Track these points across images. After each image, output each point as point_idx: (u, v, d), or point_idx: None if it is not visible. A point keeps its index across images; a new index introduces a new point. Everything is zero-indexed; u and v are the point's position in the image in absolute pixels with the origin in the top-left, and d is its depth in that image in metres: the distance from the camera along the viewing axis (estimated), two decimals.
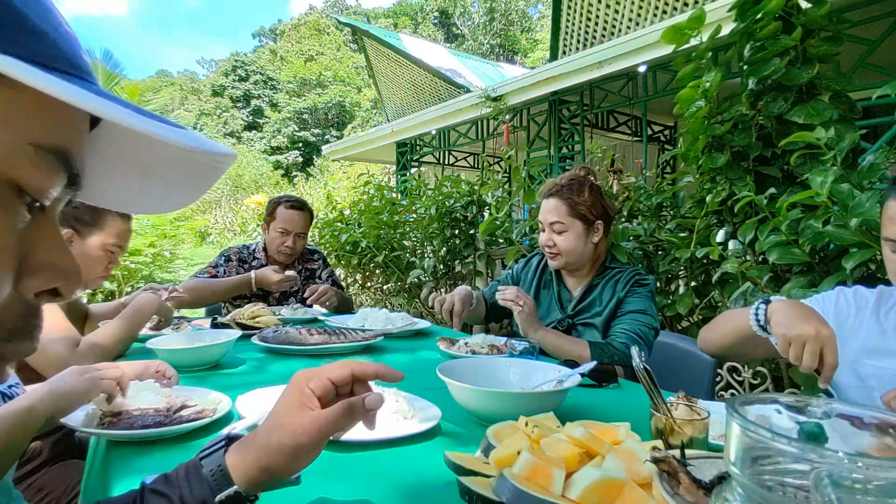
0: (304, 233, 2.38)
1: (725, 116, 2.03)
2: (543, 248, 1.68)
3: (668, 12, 5.20)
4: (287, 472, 0.54)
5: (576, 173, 1.68)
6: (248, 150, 27.56)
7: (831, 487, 0.29)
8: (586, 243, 1.63)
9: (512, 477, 0.57)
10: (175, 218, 7.18)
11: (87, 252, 1.43)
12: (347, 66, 35.61)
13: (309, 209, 2.41)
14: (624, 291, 1.60)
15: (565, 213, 1.61)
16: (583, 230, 1.61)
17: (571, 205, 1.61)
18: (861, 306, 1.12)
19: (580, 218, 1.61)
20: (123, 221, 1.51)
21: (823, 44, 1.85)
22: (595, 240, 1.63)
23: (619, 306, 1.60)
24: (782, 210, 1.72)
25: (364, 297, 5.01)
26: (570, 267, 1.69)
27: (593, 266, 1.69)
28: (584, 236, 1.62)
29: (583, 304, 1.66)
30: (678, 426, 0.76)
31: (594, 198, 1.63)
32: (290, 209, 2.33)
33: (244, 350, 1.49)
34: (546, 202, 1.65)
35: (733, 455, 0.36)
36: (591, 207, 1.61)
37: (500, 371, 1.09)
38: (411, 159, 7.91)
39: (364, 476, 0.73)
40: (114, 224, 1.47)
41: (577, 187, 1.62)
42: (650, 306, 1.59)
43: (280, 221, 2.32)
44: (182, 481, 0.53)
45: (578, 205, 1.60)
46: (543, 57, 24.84)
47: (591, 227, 1.62)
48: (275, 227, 2.33)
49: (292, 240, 2.33)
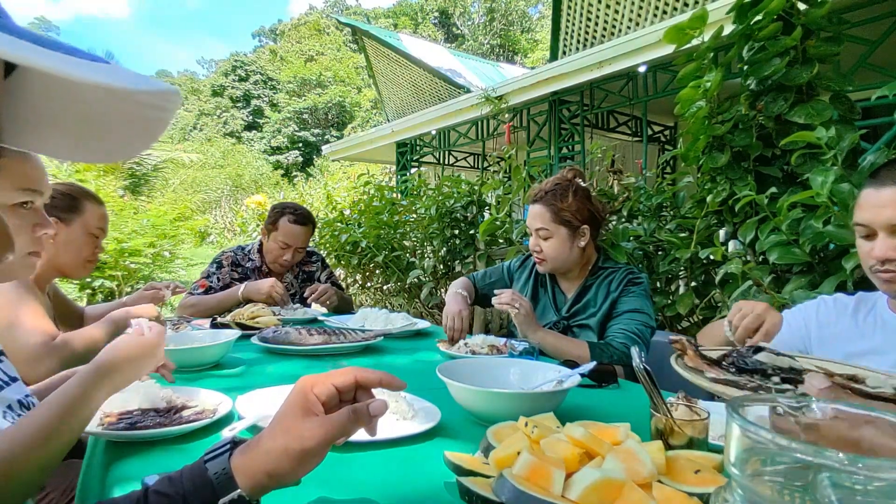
0: (304, 247, 2.33)
1: (726, 116, 2.03)
2: (532, 252, 1.69)
3: (669, 12, 5.20)
4: (290, 478, 0.54)
5: (563, 176, 1.68)
6: (247, 149, 27.54)
7: (831, 488, 0.29)
8: (572, 248, 1.63)
9: (512, 477, 0.57)
10: (175, 218, 7.18)
11: (74, 238, 1.50)
12: (347, 66, 35.61)
13: (313, 223, 2.35)
14: (618, 291, 1.61)
15: (549, 219, 1.61)
16: (567, 235, 1.61)
17: (555, 211, 1.61)
18: (840, 312, 1.17)
19: (564, 224, 1.61)
20: (97, 205, 1.58)
21: (823, 44, 1.85)
22: (581, 244, 1.63)
23: (613, 306, 1.61)
24: (783, 210, 1.72)
25: (364, 297, 5.01)
26: (557, 271, 1.70)
27: (584, 268, 1.70)
28: (570, 241, 1.62)
29: (577, 305, 1.66)
30: (678, 426, 0.76)
31: (579, 202, 1.62)
32: (294, 224, 2.26)
33: (244, 350, 1.49)
34: (532, 208, 1.67)
35: (733, 455, 0.36)
36: (575, 213, 1.61)
37: (500, 371, 1.09)
38: (411, 159, 7.91)
39: (364, 476, 0.73)
40: (91, 208, 1.55)
41: (562, 193, 1.62)
42: (645, 304, 1.59)
43: (282, 234, 2.25)
44: (186, 483, 0.53)
45: (562, 210, 1.61)
46: (543, 57, 24.85)
47: (576, 232, 1.62)
48: (275, 238, 2.27)
49: (291, 254, 2.28)
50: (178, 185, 11.63)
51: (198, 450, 0.79)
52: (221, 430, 0.78)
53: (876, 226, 0.99)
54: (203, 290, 2.23)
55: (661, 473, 0.63)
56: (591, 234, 1.65)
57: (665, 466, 0.65)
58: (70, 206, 1.51)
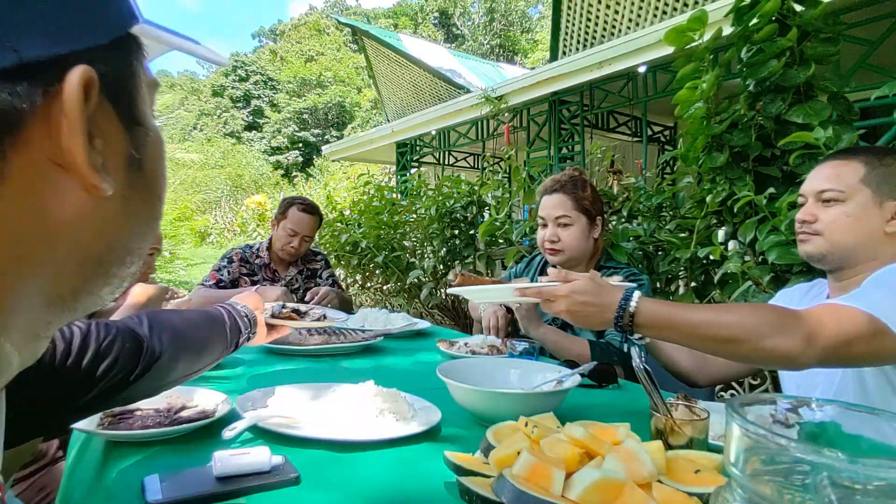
0: (311, 236, 2.46)
1: (724, 116, 2.03)
2: (544, 244, 1.68)
3: (668, 13, 5.20)
4: None
5: (572, 173, 1.72)
6: (248, 150, 27.51)
7: (831, 488, 0.29)
8: (588, 238, 1.66)
9: (512, 477, 0.57)
10: (175, 218, 7.19)
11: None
12: (347, 67, 35.60)
13: (319, 214, 2.48)
14: None
15: (571, 207, 1.64)
16: (587, 224, 1.65)
17: (577, 199, 1.64)
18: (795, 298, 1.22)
19: (584, 212, 1.65)
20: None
21: (820, 45, 1.85)
22: (595, 235, 1.68)
23: None
24: (782, 210, 1.72)
25: (364, 297, 5.00)
26: (569, 263, 1.70)
27: (590, 262, 1.71)
28: (588, 231, 1.66)
29: None
30: (678, 426, 0.76)
31: (594, 194, 1.68)
32: (302, 212, 2.40)
33: (244, 350, 1.49)
34: (549, 198, 1.68)
35: (733, 455, 0.36)
36: (592, 203, 1.66)
37: (500, 371, 1.09)
38: (411, 159, 7.90)
39: (364, 476, 0.73)
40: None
41: (581, 184, 1.68)
42: None
43: (290, 222, 2.38)
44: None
45: (583, 199, 1.65)
46: (543, 57, 24.84)
47: (593, 223, 1.66)
48: (284, 226, 2.39)
49: (298, 241, 2.39)
50: (179, 185, 11.61)
51: (198, 450, 0.79)
52: (222, 430, 0.78)
53: (806, 192, 1.12)
54: (214, 283, 2.36)
55: (661, 473, 0.64)
56: (602, 226, 1.70)
57: (665, 466, 0.65)
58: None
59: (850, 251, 1.05)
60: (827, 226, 1.06)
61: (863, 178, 1.04)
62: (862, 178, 1.04)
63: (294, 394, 0.99)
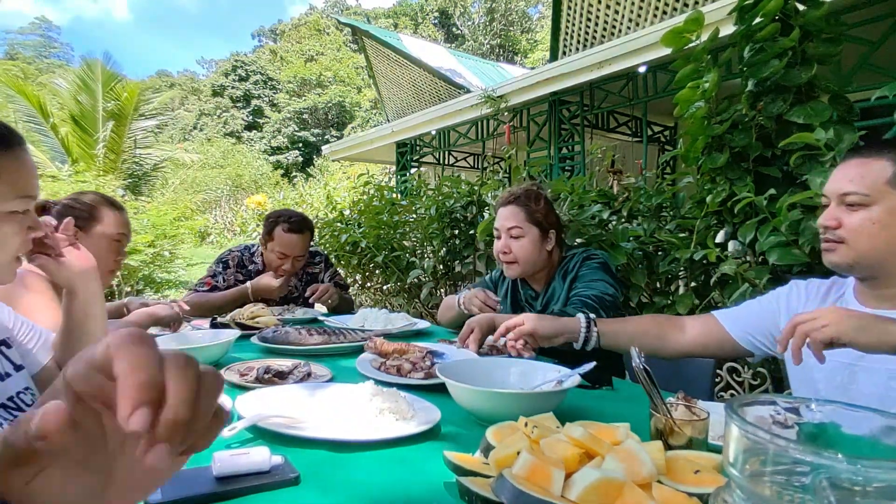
0: (303, 255, 2.25)
1: (724, 116, 2.03)
2: (499, 255, 1.73)
3: (668, 13, 5.20)
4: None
5: (529, 187, 1.77)
6: (248, 150, 27.50)
7: (830, 489, 0.29)
8: (541, 250, 1.70)
9: (511, 477, 0.57)
10: (175, 218, 7.19)
11: (95, 244, 1.47)
12: (347, 67, 35.59)
13: (310, 228, 2.25)
14: (574, 271, 1.68)
15: (523, 218, 1.69)
16: (538, 236, 1.69)
17: (529, 211, 1.69)
18: (812, 296, 1.16)
19: (536, 224, 1.69)
20: (117, 211, 1.58)
21: (822, 45, 1.85)
22: (549, 247, 1.72)
23: (572, 286, 1.66)
24: (782, 210, 1.72)
25: (364, 297, 5.00)
26: (525, 274, 1.75)
27: (550, 272, 1.77)
28: (540, 243, 1.69)
29: (546, 296, 1.75)
30: (678, 426, 0.76)
31: (548, 208, 1.73)
32: (290, 233, 2.16)
33: (244, 350, 1.49)
34: (503, 210, 1.74)
35: (732, 456, 0.36)
36: (545, 216, 1.71)
37: (500, 371, 1.09)
38: (411, 159, 7.91)
39: (364, 476, 0.73)
40: (109, 214, 1.55)
41: (535, 197, 1.72)
42: (602, 275, 1.64)
43: (279, 244, 2.17)
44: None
45: (535, 212, 1.69)
46: (543, 57, 24.84)
47: (545, 235, 1.70)
48: (272, 249, 2.18)
49: (290, 263, 2.20)
50: (179, 184, 11.64)
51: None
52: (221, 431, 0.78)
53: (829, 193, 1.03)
54: (208, 289, 2.23)
55: (660, 474, 0.63)
56: (557, 239, 1.73)
57: (665, 467, 0.65)
58: (88, 215, 1.51)
59: (879, 261, 0.96)
60: (851, 233, 0.97)
61: (890, 178, 0.94)
62: (889, 180, 0.94)
63: (294, 394, 0.99)
